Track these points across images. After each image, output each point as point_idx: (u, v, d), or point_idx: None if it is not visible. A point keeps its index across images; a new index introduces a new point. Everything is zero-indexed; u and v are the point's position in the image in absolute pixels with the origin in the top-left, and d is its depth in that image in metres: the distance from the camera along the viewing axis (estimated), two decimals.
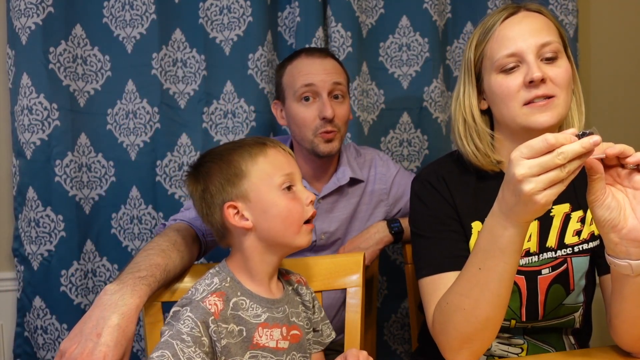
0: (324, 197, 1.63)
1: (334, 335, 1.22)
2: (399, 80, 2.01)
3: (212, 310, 1.00)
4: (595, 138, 0.84)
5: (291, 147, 1.68)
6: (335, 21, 1.89)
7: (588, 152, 0.84)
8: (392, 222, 1.64)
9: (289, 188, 1.08)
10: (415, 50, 1.99)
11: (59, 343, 1.79)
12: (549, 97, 1.12)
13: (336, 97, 1.57)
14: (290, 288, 1.16)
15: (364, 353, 1.06)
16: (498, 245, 0.96)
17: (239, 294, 1.06)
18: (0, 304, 1.83)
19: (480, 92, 1.23)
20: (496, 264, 0.97)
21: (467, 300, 1.02)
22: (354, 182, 1.66)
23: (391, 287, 2.01)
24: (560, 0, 2.03)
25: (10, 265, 1.83)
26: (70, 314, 1.78)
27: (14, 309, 1.80)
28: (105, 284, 1.83)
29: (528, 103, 1.13)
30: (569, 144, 0.84)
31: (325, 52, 1.64)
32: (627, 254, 0.94)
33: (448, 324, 1.06)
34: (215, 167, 1.08)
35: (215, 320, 1.00)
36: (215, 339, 1.00)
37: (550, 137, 0.84)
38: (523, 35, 1.14)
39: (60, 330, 1.78)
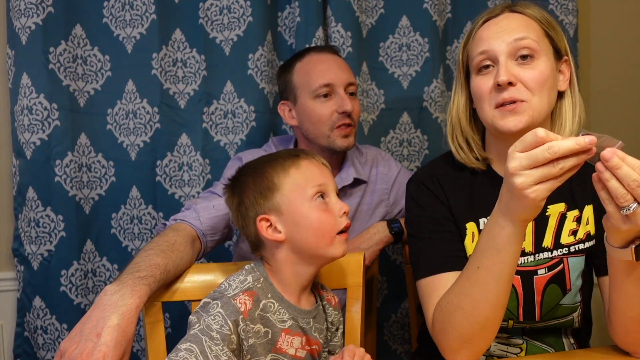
0: None
1: None
2: (399, 80, 2.01)
3: (242, 309, 1.01)
4: (592, 137, 0.83)
5: (295, 146, 1.69)
6: (335, 21, 1.89)
7: (585, 152, 0.83)
8: (392, 222, 1.64)
9: (322, 199, 1.08)
10: (415, 50, 1.99)
11: (59, 343, 1.78)
12: (518, 100, 1.11)
13: (351, 93, 1.60)
14: (321, 303, 1.17)
15: (361, 350, 1.06)
16: (495, 244, 0.96)
17: (269, 296, 1.07)
18: (0, 304, 1.83)
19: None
20: (493, 263, 0.97)
21: (466, 299, 1.02)
22: (356, 182, 1.66)
23: (391, 287, 2.01)
24: (560, 0, 2.03)
25: (10, 265, 1.83)
26: (70, 314, 1.78)
27: (14, 309, 1.80)
28: (105, 284, 1.83)
29: (499, 106, 1.13)
30: (561, 140, 0.83)
31: (333, 49, 1.66)
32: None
33: (448, 324, 1.06)
34: (249, 181, 1.10)
35: (244, 320, 1.01)
36: (243, 337, 1.01)
37: (540, 131, 0.84)
38: (497, 34, 1.14)
39: (60, 330, 1.78)
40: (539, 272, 1.18)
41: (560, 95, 1.19)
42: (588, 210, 1.20)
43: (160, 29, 1.82)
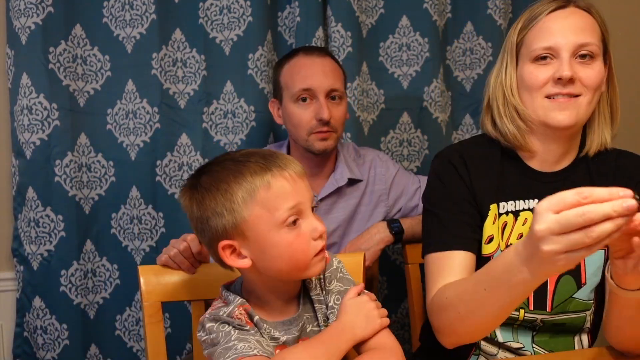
0: (322, 199, 1.63)
1: None
2: (399, 80, 2.01)
3: (243, 321, 0.94)
4: (630, 202, 0.71)
5: (288, 149, 1.69)
6: (335, 21, 1.89)
7: (627, 218, 0.72)
8: (392, 222, 1.64)
9: (294, 224, 0.93)
10: (415, 50, 1.99)
11: (59, 343, 1.79)
12: (574, 96, 1.13)
13: (333, 97, 1.58)
14: (306, 299, 1.05)
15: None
16: (509, 281, 0.90)
17: (256, 318, 0.97)
18: (0, 304, 1.83)
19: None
20: (502, 295, 0.93)
21: (464, 307, 1.02)
22: (352, 182, 1.66)
23: (391, 287, 2.01)
24: None
25: (10, 265, 1.82)
26: (70, 314, 1.78)
27: (14, 309, 1.80)
28: (105, 284, 1.84)
29: (550, 97, 1.14)
30: (599, 203, 0.73)
31: (323, 51, 1.65)
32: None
33: (442, 316, 1.08)
34: (209, 197, 0.94)
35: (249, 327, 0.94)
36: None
37: (584, 191, 0.74)
38: (564, 31, 1.14)
39: (60, 330, 1.78)
40: None
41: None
42: None
43: (160, 29, 1.82)
